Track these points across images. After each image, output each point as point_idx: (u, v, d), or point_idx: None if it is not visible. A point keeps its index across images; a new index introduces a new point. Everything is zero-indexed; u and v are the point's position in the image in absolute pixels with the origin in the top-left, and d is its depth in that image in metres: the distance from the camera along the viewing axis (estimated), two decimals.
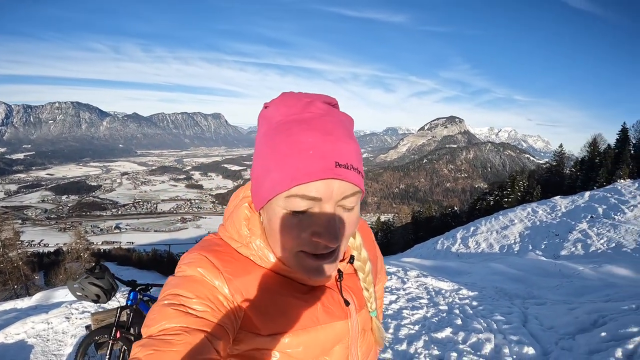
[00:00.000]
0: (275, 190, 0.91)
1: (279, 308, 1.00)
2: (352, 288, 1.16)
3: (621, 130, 55.34)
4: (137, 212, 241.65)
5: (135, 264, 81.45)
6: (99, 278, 4.09)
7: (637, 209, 23.73)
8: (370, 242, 1.37)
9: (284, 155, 0.90)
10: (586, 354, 5.13)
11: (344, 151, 0.90)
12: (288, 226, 0.92)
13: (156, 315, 0.90)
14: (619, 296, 8.36)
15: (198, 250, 1.05)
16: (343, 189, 0.89)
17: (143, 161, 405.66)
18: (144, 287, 4.64)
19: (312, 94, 0.99)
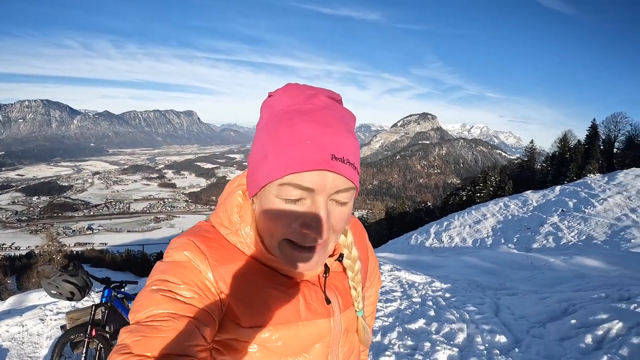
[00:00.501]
0: (270, 177, 0.90)
1: (261, 300, 0.99)
2: (338, 287, 1.15)
3: (591, 127, 56.87)
4: (109, 212, 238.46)
5: (109, 265, 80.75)
6: (73, 275, 4.07)
7: (606, 202, 24.21)
8: (363, 242, 1.36)
9: (281, 144, 0.90)
10: (557, 341, 5.22)
11: (342, 145, 0.89)
12: (279, 214, 0.92)
13: (144, 300, 0.90)
14: (589, 286, 8.51)
15: (186, 235, 1.05)
16: (337, 183, 0.89)
17: (115, 160, 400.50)
18: (118, 284, 4.60)
19: (317, 87, 0.98)
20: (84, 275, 4.15)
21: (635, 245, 17.43)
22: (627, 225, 20.60)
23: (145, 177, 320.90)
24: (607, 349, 4.65)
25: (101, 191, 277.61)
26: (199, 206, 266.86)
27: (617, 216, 22.12)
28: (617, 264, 11.92)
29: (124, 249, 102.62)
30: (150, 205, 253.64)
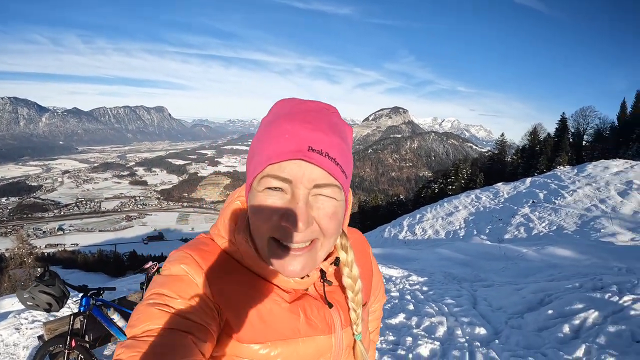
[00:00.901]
0: (254, 173, 0.94)
1: (259, 315, 0.98)
2: (340, 302, 1.12)
3: (560, 120, 58.22)
4: (80, 212, 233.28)
5: (81, 266, 79.35)
6: (50, 285, 3.92)
7: (576, 193, 24.69)
8: (367, 257, 1.33)
9: (264, 140, 0.94)
10: (535, 331, 5.33)
11: (321, 139, 0.90)
12: (260, 208, 0.92)
13: (141, 315, 0.89)
14: (562, 276, 8.70)
15: (184, 248, 1.05)
16: (315, 175, 0.89)
17: (85, 158, 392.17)
18: (96, 291, 4.46)
19: (312, 100, 1.01)
20: (61, 284, 4.00)
21: (604, 235, 17.82)
22: (597, 215, 21.03)
23: (116, 174, 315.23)
24: (584, 338, 4.77)
25: (71, 190, 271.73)
26: (171, 203, 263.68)
27: (587, 207, 22.56)
28: (587, 254, 12.19)
29: (96, 249, 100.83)
30: (121, 204, 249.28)
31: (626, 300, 5.54)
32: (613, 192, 23.92)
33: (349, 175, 0.98)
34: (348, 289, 1.12)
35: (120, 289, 9.55)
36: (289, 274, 0.95)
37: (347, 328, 1.11)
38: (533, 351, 4.80)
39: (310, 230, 0.92)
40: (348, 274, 1.11)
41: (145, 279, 5.29)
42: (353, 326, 1.12)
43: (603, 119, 57.61)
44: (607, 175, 26.96)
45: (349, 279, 1.11)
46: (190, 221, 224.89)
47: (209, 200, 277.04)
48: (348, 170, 0.97)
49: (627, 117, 55.48)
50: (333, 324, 1.07)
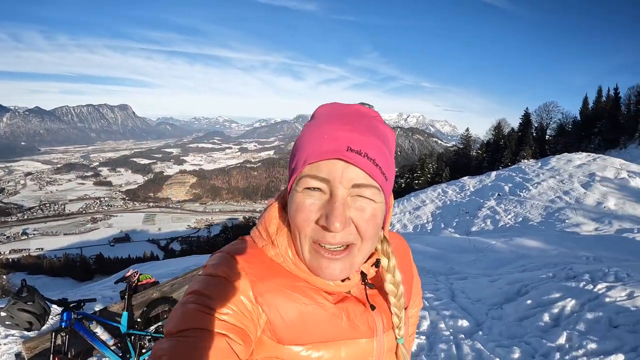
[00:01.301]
0: (294, 173, 0.97)
1: (301, 317, 0.97)
2: (382, 306, 1.11)
3: (524, 115, 59.95)
4: (44, 215, 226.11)
5: (47, 271, 77.69)
6: (29, 302, 3.61)
7: (540, 186, 25.32)
8: (408, 262, 1.32)
9: (304, 143, 0.96)
10: (516, 321, 5.50)
11: (360, 140, 0.91)
12: (300, 208, 0.93)
13: (178, 314, 0.90)
14: (533, 266, 8.96)
15: (226, 250, 1.05)
16: (353, 175, 0.90)
17: (47, 159, 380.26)
18: (76, 304, 4.17)
19: (353, 104, 1.02)
20: (41, 300, 3.69)
21: (569, 225, 18.35)
22: (561, 207, 21.64)
23: (80, 175, 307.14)
24: (564, 326, 4.96)
25: (34, 193, 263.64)
26: (136, 204, 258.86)
27: (551, 198, 23.19)
28: (554, 244, 12.54)
29: (62, 254, 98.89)
30: (86, 206, 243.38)
31: (600, 288, 5.76)
32: (576, 184, 24.58)
33: (389, 178, 0.97)
34: (390, 295, 1.10)
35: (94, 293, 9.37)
36: (327, 277, 0.96)
37: (388, 332, 1.10)
38: (517, 340, 4.96)
39: (347, 231, 0.92)
40: (390, 280, 1.09)
41: (127, 287, 5.04)
42: (395, 330, 1.12)
43: (566, 113, 59.70)
44: (571, 168, 27.69)
45: (391, 285, 1.09)
46: (157, 221, 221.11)
47: (175, 199, 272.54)
48: (388, 172, 0.96)
49: (589, 111, 57.33)
50: (375, 327, 1.07)
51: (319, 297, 1.01)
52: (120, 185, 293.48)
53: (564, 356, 4.36)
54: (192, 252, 69.15)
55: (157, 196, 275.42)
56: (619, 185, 23.86)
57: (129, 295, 5.03)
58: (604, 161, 28.18)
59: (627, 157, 35.10)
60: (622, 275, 6.48)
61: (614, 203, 21.40)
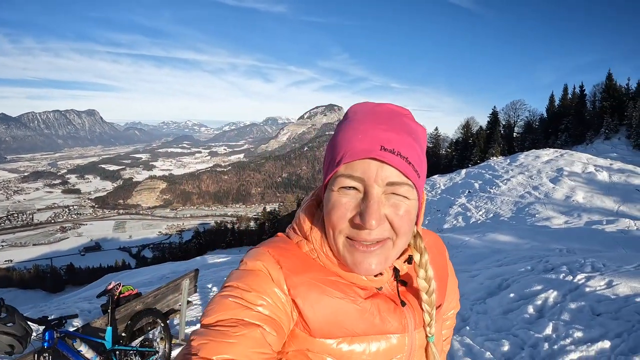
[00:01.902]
0: (329, 172, 0.98)
1: (333, 311, 0.98)
2: (414, 303, 1.11)
3: (492, 113, 61.11)
4: (12, 225, 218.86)
5: (17, 284, 75.73)
6: (9, 324, 3.31)
7: (510, 182, 25.79)
8: (443, 260, 1.31)
9: (338, 142, 0.97)
10: (501, 314, 5.60)
11: (393, 139, 0.92)
12: (335, 206, 0.95)
13: (215, 305, 0.93)
14: (508, 260, 9.13)
15: (263, 245, 1.08)
16: (387, 173, 0.91)
17: (14, 167, 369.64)
18: (58, 321, 3.96)
19: (385, 103, 1.03)
20: (21, 321, 3.38)
21: (539, 220, 18.76)
22: (531, 201, 22.12)
23: (48, 184, 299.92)
24: (549, 317, 5.08)
25: (1, 203, 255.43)
26: (106, 211, 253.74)
27: (521, 194, 23.65)
28: (526, 238, 12.81)
29: (32, 265, 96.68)
30: (55, 215, 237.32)
31: (579, 278, 5.93)
32: (545, 179, 25.10)
33: (421, 175, 0.98)
34: (422, 291, 1.10)
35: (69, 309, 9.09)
36: (362, 272, 0.97)
37: (420, 329, 1.10)
38: (504, 333, 5.05)
39: (382, 228, 0.94)
40: (423, 275, 1.10)
41: (110, 301, 4.82)
42: (426, 328, 1.11)
43: (532, 111, 61.18)
44: (539, 164, 28.25)
45: (423, 280, 1.10)
46: (127, 228, 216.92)
47: (145, 205, 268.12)
48: (421, 169, 0.97)
49: (556, 109, 58.81)
50: (407, 324, 1.07)
51: (351, 291, 1.02)
52: (89, 192, 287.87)
53: (552, 345, 4.46)
54: (165, 259, 68.45)
55: (127, 203, 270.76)
56: (587, 179, 24.46)
57: (112, 309, 4.82)
58: (571, 156, 28.88)
59: (593, 152, 36.15)
60: (598, 265, 6.68)
61: (582, 196, 21.95)
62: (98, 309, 8.19)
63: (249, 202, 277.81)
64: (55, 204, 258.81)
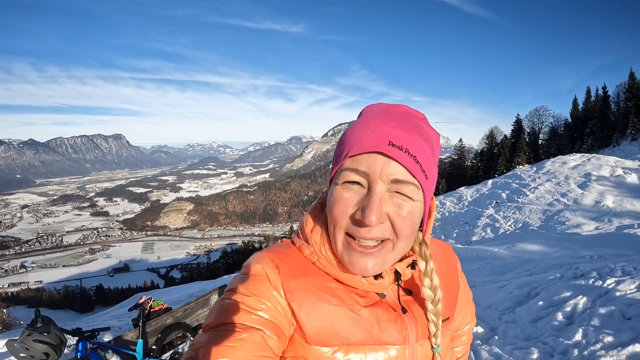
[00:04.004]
0: (336, 165, 0.98)
1: (329, 318, 0.97)
2: (418, 315, 1.08)
3: (515, 122, 60.10)
4: (42, 247, 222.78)
5: (47, 304, 77.21)
6: (45, 333, 3.51)
7: (537, 190, 25.36)
8: (451, 270, 1.28)
9: (347, 137, 0.98)
10: (530, 323, 5.54)
11: (403, 136, 0.91)
12: (338, 200, 0.94)
13: (216, 310, 0.94)
14: (538, 269, 8.99)
15: (264, 249, 1.09)
16: (393, 170, 0.90)
17: (43, 191, 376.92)
18: (91, 333, 4.19)
19: (399, 104, 1.03)
20: (57, 330, 3.60)
21: (569, 227, 18.37)
22: (560, 209, 21.66)
23: (76, 206, 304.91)
24: (579, 323, 5.01)
25: (31, 225, 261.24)
26: (134, 233, 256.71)
27: (549, 202, 23.20)
28: (556, 246, 12.58)
29: (61, 286, 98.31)
30: (84, 237, 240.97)
31: (609, 283, 5.84)
32: (573, 185, 24.63)
33: (430, 177, 0.97)
34: (427, 300, 1.06)
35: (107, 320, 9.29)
36: (357, 271, 0.97)
37: (423, 341, 1.06)
38: (533, 341, 4.99)
39: (382, 227, 0.92)
40: (428, 284, 1.06)
41: (142, 315, 5.03)
42: (432, 339, 1.07)
43: (556, 116, 60.16)
44: (566, 170, 27.76)
45: (428, 289, 1.06)
46: (155, 250, 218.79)
47: (173, 227, 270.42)
48: (430, 172, 0.96)
49: (580, 112, 57.66)
50: (407, 335, 1.03)
51: (349, 298, 1.00)
52: (117, 215, 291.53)
53: (582, 351, 4.41)
54: (193, 279, 68.70)
55: (154, 224, 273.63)
56: (616, 182, 23.96)
57: (143, 322, 4.99)
58: (598, 160, 28.29)
59: (621, 154, 35.33)
60: (628, 269, 6.56)
61: (612, 201, 21.48)
62: (128, 325, 8.32)
63: (275, 222, 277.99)
64: (84, 226, 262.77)
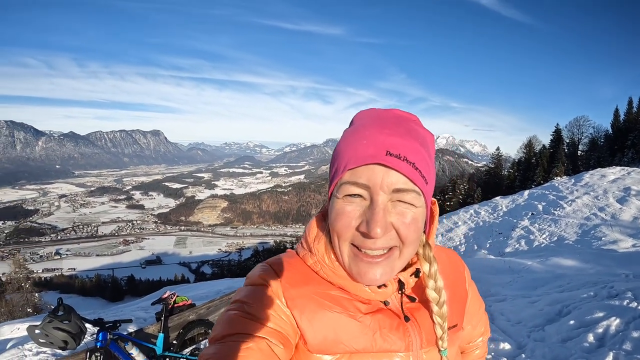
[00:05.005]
0: (334, 180, 0.96)
1: (332, 326, 0.97)
2: (423, 321, 1.06)
3: (555, 131, 58.42)
4: (77, 236, 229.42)
5: (78, 291, 78.82)
6: (65, 321, 3.56)
7: (575, 203, 24.74)
8: (458, 276, 1.26)
9: (343, 149, 0.95)
10: (559, 343, 5.34)
11: (399, 144, 0.90)
12: (340, 214, 0.93)
13: (221, 322, 0.95)
14: (571, 286, 8.72)
15: (267, 260, 1.09)
16: (393, 180, 0.89)
17: (81, 182, 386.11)
18: (112, 324, 4.18)
19: (390, 109, 1.02)
20: (77, 320, 3.65)
21: (606, 243, 17.87)
22: (597, 224, 21.10)
23: (113, 199, 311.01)
24: (610, 346, 4.80)
25: (68, 214, 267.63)
26: (168, 227, 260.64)
27: (586, 216, 22.64)
28: (591, 262, 12.19)
29: (94, 274, 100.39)
30: (118, 228, 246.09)
31: None
32: (611, 199, 24.01)
33: (429, 182, 0.96)
34: (432, 302, 1.05)
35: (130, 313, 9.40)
36: (367, 282, 0.96)
37: (428, 348, 1.04)
38: None
39: (388, 237, 0.92)
40: (432, 286, 1.05)
41: (164, 309, 5.09)
42: (439, 342, 1.05)
43: (597, 127, 58.53)
44: (605, 183, 27.07)
45: (433, 291, 1.05)
46: (188, 245, 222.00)
47: (206, 223, 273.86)
48: (428, 176, 0.95)
49: (621, 124, 56.09)
50: (411, 342, 1.02)
51: (350, 306, 1.00)
52: (152, 208, 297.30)
53: None
54: (223, 275, 69.39)
55: (188, 220, 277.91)
56: None
57: (165, 317, 5.04)
58: (638, 174, 27.52)
59: None
60: None
61: None
62: (153, 317, 8.42)
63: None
64: (120, 218, 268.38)
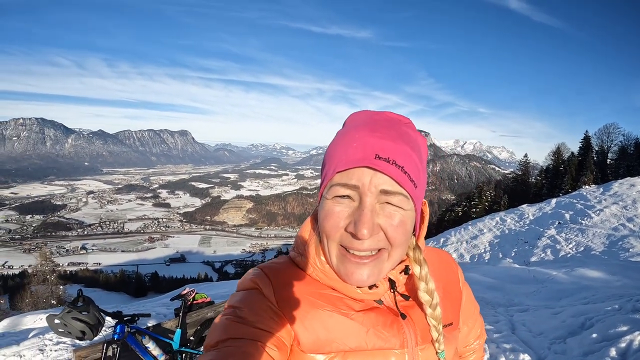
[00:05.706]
0: (324, 182, 0.98)
1: (324, 325, 0.97)
2: (417, 320, 1.07)
3: (584, 139, 57.06)
4: (103, 232, 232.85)
5: (102, 285, 79.94)
6: (84, 312, 3.66)
7: (603, 213, 24.32)
8: (451, 276, 1.27)
9: (333, 151, 0.97)
10: (580, 356, 5.22)
11: (389, 147, 0.91)
12: (329, 215, 0.94)
13: (215, 328, 0.95)
14: (596, 298, 8.55)
15: (258, 265, 1.10)
16: (381, 182, 0.90)
17: (109, 179, 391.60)
18: (130, 318, 4.26)
19: (383, 111, 1.03)
20: (96, 311, 3.74)
21: (634, 254, 17.54)
22: (625, 234, 20.71)
23: (140, 196, 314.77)
24: None
25: (95, 210, 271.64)
26: (193, 226, 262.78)
27: (614, 226, 22.25)
28: (618, 274, 11.96)
29: (118, 269, 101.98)
30: (144, 225, 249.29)
31: None
32: None
33: (419, 185, 0.96)
34: (425, 305, 1.05)
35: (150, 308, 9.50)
36: (354, 282, 0.97)
37: (424, 345, 1.04)
38: None
39: (376, 238, 0.93)
40: (424, 288, 1.05)
41: (183, 305, 5.16)
42: (435, 344, 1.06)
43: (627, 135, 56.66)
44: (634, 193, 26.61)
45: (425, 293, 1.05)
46: (212, 244, 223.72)
47: (231, 223, 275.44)
48: (418, 180, 0.96)
49: None
50: (406, 339, 1.02)
51: (342, 304, 1.01)
52: (178, 207, 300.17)
53: None
54: None
55: (213, 219, 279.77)
56: None
57: (183, 313, 5.11)
58: None
59: None
60: None
61: None
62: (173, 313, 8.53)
63: None
64: (146, 215, 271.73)
